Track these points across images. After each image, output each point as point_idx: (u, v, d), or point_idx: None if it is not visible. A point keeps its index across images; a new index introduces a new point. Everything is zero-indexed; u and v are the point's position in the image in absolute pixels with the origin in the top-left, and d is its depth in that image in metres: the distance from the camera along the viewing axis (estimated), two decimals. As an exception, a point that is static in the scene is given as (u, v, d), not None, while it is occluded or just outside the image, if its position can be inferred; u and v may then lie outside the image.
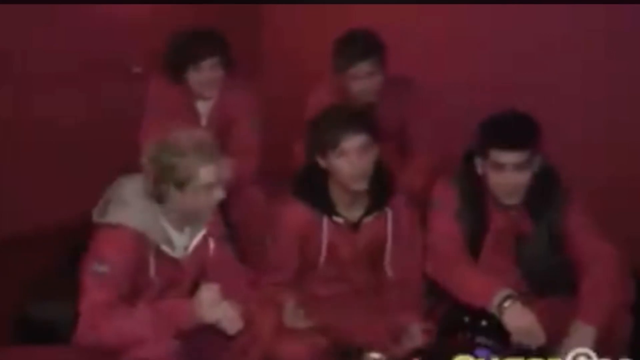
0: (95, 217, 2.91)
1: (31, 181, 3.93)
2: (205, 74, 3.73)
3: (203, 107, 3.83)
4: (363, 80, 3.69)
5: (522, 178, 3.03)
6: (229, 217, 3.69)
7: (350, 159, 3.07)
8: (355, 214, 3.20)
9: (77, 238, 2.98)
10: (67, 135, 4.09)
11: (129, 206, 2.88)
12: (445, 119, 3.87)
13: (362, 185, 3.11)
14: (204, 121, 3.82)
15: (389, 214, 3.22)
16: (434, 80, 3.96)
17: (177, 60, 3.72)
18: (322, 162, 3.14)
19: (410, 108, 3.84)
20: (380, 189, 3.19)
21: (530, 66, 4.15)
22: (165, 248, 2.92)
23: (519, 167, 3.00)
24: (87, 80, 4.26)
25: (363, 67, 3.68)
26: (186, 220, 2.96)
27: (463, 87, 4.21)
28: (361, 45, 3.69)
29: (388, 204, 3.21)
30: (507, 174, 3.01)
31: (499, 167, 3.01)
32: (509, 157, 2.99)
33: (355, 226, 3.20)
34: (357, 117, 3.13)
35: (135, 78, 4.24)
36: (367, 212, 3.19)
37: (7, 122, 3.92)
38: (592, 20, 4.00)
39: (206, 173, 2.86)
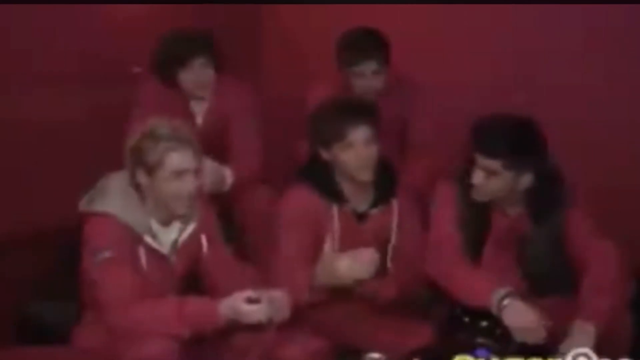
0: (82, 207, 2.91)
1: (31, 181, 3.92)
2: (194, 74, 3.72)
3: (197, 107, 3.83)
4: (367, 79, 3.68)
5: (490, 182, 3.03)
6: (232, 218, 3.69)
7: (357, 151, 3.08)
8: (361, 205, 3.20)
9: (77, 238, 2.98)
10: (67, 135, 4.09)
11: (113, 196, 2.89)
12: (446, 118, 3.87)
13: (368, 176, 3.12)
14: (199, 120, 3.82)
15: (395, 206, 3.22)
16: (434, 80, 3.96)
17: (166, 61, 3.73)
18: (325, 155, 3.14)
19: (412, 107, 3.84)
20: (386, 181, 3.20)
21: (530, 66, 4.15)
22: (150, 241, 2.90)
23: (489, 172, 3.02)
24: (87, 80, 4.26)
25: (369, 66, 3.67)
26: (166, 212, 2.92)
27: (463, 87, 4.20)
28: (367, 43, 3.69)
29: (394, 195, 3.22)
30: (478, 174, 3.04)
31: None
32: (479, 160, 3.03)
33: (361, 218, 3.20)
34: (362, 108, 3.15)
35: (135, 78, 4.24)
36: (374, 204, 3.20)
37: (7, 122, 3.92)
38: (593, 20, 4.00)
39: (177, 158, 2.83)
